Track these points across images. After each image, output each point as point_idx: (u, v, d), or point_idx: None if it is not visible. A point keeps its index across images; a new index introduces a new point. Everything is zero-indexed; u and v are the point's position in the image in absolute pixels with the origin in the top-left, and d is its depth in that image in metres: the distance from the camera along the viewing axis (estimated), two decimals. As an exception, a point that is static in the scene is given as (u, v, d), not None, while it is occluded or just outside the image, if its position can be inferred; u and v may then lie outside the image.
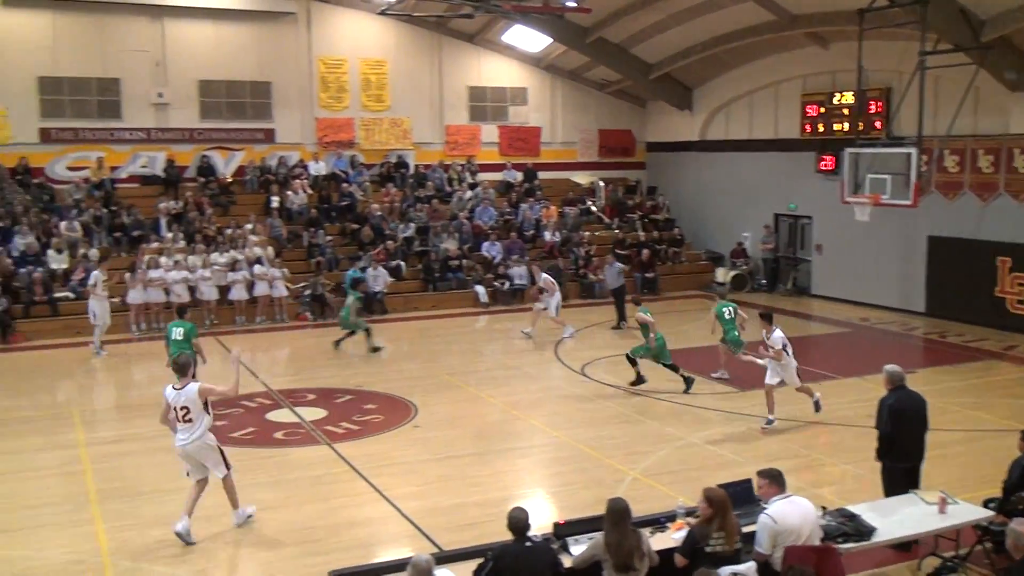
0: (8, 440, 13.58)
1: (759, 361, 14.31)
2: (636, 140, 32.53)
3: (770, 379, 13.49)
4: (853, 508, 8.48)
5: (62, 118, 25.41)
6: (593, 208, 29.90)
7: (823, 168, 24.73)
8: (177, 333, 14.95)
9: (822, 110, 24.60)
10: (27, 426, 14.38)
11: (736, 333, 15.99)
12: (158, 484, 11.59)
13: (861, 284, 24.42)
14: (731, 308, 16.21)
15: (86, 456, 12.81)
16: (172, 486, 11.48)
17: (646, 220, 29.39)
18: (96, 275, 19.33)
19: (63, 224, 22.92)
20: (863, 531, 8.05)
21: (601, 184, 30.80)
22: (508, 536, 7.08)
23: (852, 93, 22.88)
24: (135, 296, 21.19)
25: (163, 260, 21.93)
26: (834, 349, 20.06)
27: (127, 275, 21.31)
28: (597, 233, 28.56)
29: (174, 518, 9.95)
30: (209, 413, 9.95)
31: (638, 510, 7.82)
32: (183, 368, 9.99)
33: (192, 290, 21.91)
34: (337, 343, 19.43)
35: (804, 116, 25.19)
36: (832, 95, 24.31)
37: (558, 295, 20.63)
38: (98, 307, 19.18)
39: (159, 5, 26.05)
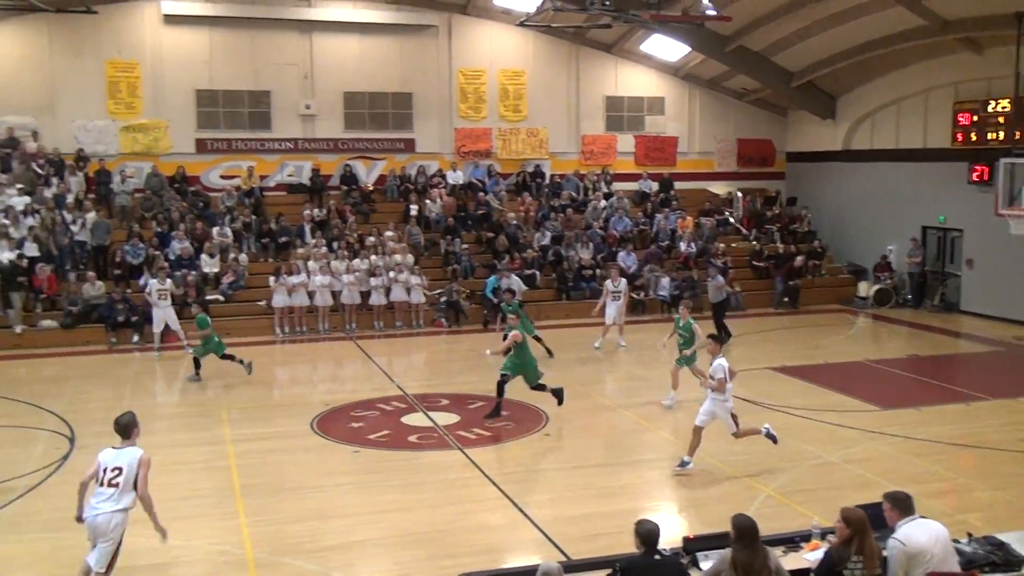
0: (159, 435, 14.30)
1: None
2: (776, 150, 31.85)
3: (700, 419, 12.11)
4: (1002, 536, 8.06)
5: (217, 129, 26.70)
6: (731, 219, 29.40)
7: (975, 179, 23.60)
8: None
9: (975, 118, 23.49)
10: (177, 422, 15.16)
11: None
12: (299, 481, 12.02)
13: (1015, 301, 23.19)
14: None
15: (231, 452, 13.38)
16: (312, 484, 11.92)
17: (786, 232, 28.69)
18: (153, 284, 20.29)
19: (215, 230, 24.05)
20: (1012, 560, 7.65)
21: (739, 195, 30.25)
22: (637, 548, 7.03)
23: (1009, 100, 21.80)
24: (279, 300, 22.05)
25: (309, 265, 22.73)
26: (985, 369, 19.10)
27: (272, 279, 22.19)
28: (734, 245, 28.07)
29: (313, 514, 10.28)
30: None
31: (771, 528, 7.66)
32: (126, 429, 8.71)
33: (334, 295, 22.65)
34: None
35: (956, 125, 24.10)
36: (986, 103, 23.19)
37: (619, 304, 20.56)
38: (155, 313, 20.22)
39: (308, 20, 27.08)
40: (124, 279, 22.54)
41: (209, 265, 23.14)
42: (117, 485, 8.37)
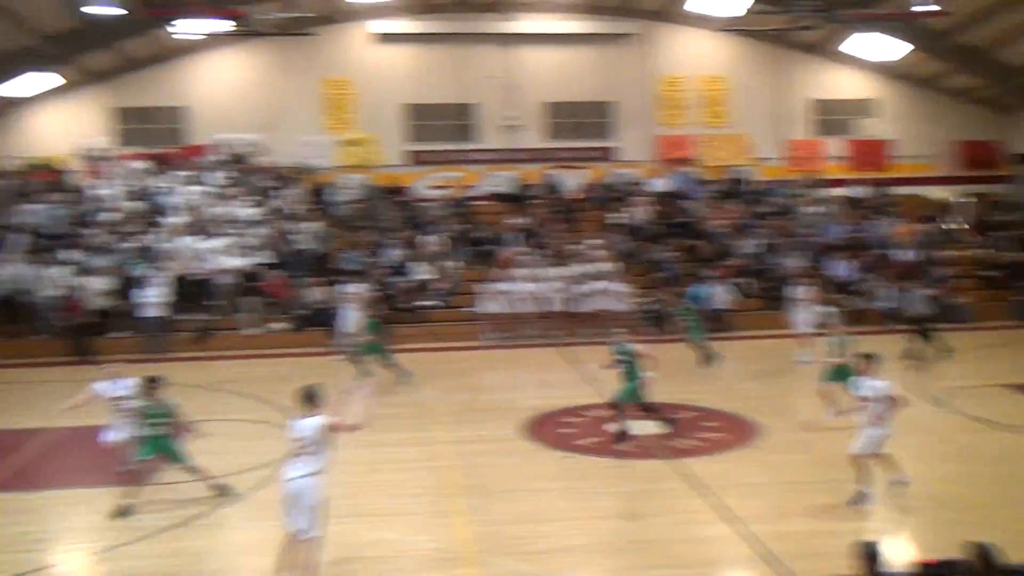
0: (378, 433, 14.93)
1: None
2: (1000, 151, 29.82)
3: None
4: None
5: (425, 142, 27.74)
6: (952, 225, 27.73)
7: None
8: None
9: None
10: (395, 422, 15.78)
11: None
12: (511, 484, 12.27)
13: None
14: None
15: (447, 453, 13.82)
16: (523, 487, 12.12)
17: (1020, 239, 26.65)
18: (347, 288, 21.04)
19: (426, 238, 24.93)
20: None
21: (960, 200, 28.51)
22: (859, 571, 6.76)
23: None
24: (487, 306, 22.60)
25: (514, 273, 23.19)
26: None
27: (480, 286, 22.78)
28: (957, 253, 26.41)
29: (526, 517, 10.47)
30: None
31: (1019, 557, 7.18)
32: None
33: (540, 302, 22.97)
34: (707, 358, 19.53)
35: None
36: None
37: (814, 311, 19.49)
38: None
39: (509, 34, 27.67)
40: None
41: (422, 272, 23.99)
42: (304, 452, 8.84)
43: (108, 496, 11.85)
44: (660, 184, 28.01)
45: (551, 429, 14.95)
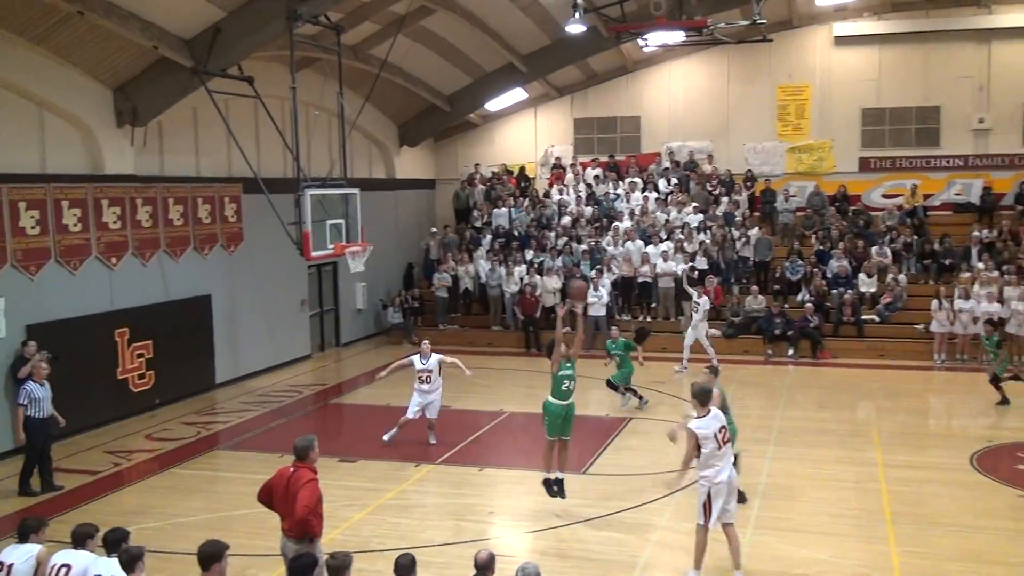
0: (812, 448, 14.63)
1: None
2: None
3: None
4: None
5: (880, 148, 26.40)
6: None
7: None
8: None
9: None
10: (828, 438, 15.29)
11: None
12: (954, 518, 11.38)
13: None
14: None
15: (882, 476, 13.14)
16: (969, 523, 11.21)
17: None
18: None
19: (874, 249, 23.75)
20: None
21: None
22: None
23: None
24: (939, 326, 20.99)
25: (974, 290, 21.28)
26: None
27: (933, 303, 21.21)
28: None
29: (969, 556, 9.67)
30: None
31: None
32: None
33: (999, 323, 20.83)
34: None
35: None
36: None
37: None
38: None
39: (986, 29, 25.37)
40: (783, 294, 23.44)
41: (866, 285, 22.93)
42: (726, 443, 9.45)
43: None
44: None
45: (1007, 464, 13.59)
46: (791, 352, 21.83)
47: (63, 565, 7.58)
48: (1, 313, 14.67)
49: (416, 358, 15.18)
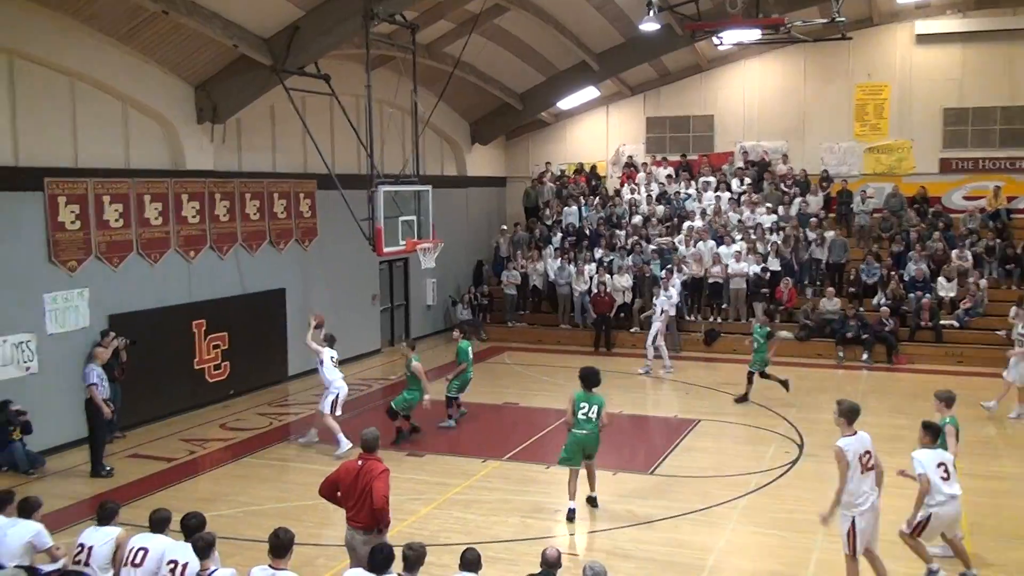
0: (885, 456, 14.23)
1: None
2: None
3: None
4: None
5: (963, 148, 25.73)
6: None
7: None
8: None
9: None
10: (902, 445, 14.82)
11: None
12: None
13: None
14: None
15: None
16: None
17: None
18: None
19: (954, 252, 23.15)
20: None
21: None
22: None
23: None
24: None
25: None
26: None
27: (1013, 309, 20.58)
28: None
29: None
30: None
31: None
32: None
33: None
34: None
35: None
36: None
37: None
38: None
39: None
40: (858, 297, 23.01)
41: (945, 289, 22.37)
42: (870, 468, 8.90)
43: (615, 480, 12.83)
44: None
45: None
46: (865, 356, 21.39)
47: (140, 548, 7.82)
48: (85, 303, 15.16)
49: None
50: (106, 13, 14.69)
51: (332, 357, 15.15)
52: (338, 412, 14.73)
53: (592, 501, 11.96)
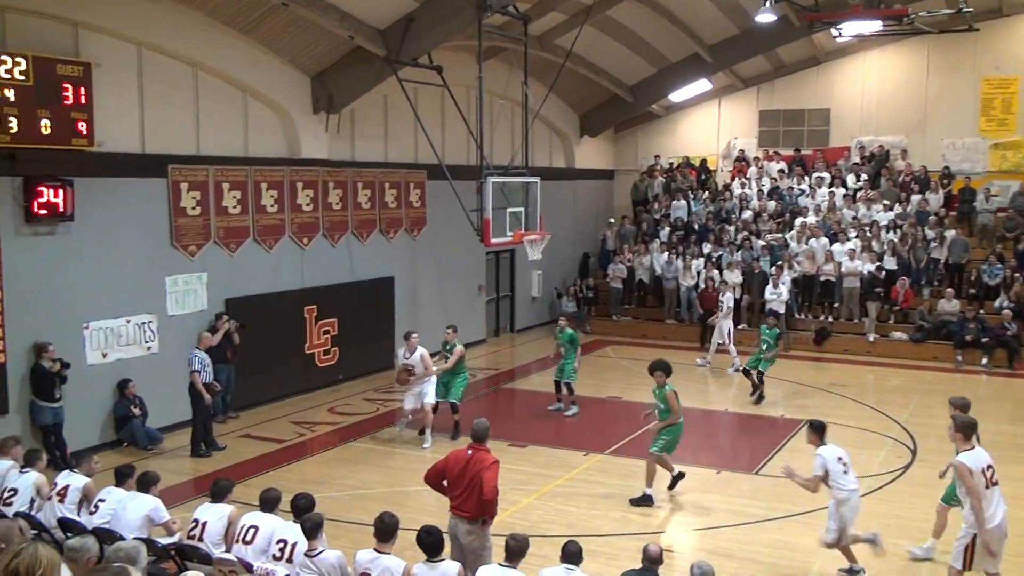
0: (1002, 464, 13.70)
1: None
2: None
3: None
4: None
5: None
6: None
7: None
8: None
9: None
10: (1022, 454, 14.34)
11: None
12: None
13: None
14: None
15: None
16: None
17: None
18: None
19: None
20: None
21: None
22: None
23: None
24: None
25: None
26: None
27: None
28: None
29: None
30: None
31: None
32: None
33: None
34: None
35: None
36: None
37: None
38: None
39: None
40: (978, 299, 22.11)
41: (1074, 292, 21.33)
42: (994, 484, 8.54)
43: (718, 479, 12.66)
44: None
45: None
46: (985, 361, 20.53)
47: (251, 526, 8.07)
48: (203, 286, 15.72)
49: (402, 352, 14.89)
50: (228, 6, 15.16)
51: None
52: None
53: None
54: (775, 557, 10.32)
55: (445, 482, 8.59)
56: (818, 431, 9.97)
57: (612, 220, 27.73)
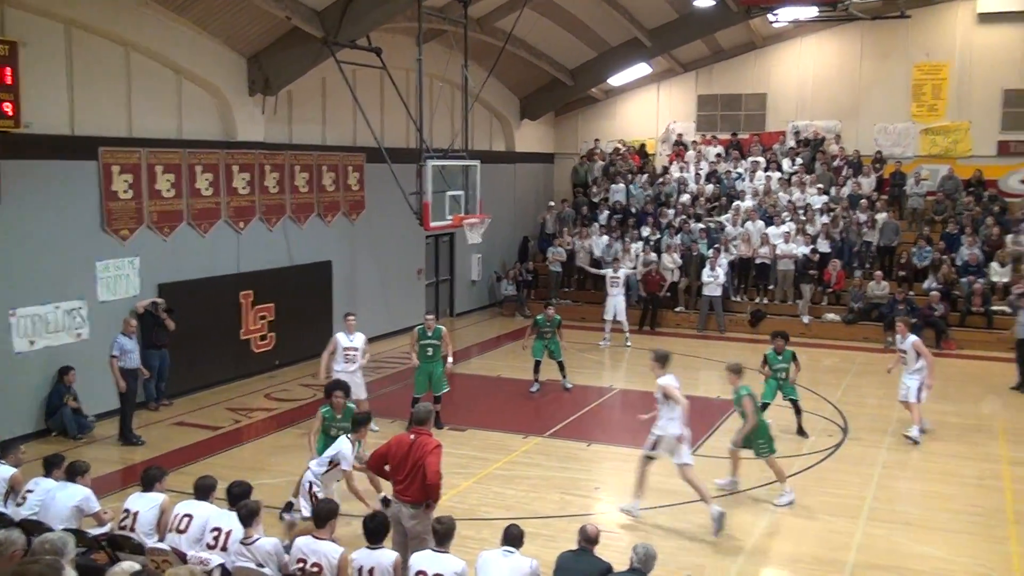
0: (931, 441, 14.15)
1: None
2: None
3: None
4: None
5: (1022, 131, 25.12)
6: None
7: None
8: None
9: None
10: (948, 431, 14.76)
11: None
12: (1082, 522, 10.87)
13: None
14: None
15: (1007, 474, 12.64)
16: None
17: None
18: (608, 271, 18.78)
19: (1009, 237, 22.67)
20: None
21: None
22: None
23: None
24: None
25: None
26: None
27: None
28: None
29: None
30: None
31: None
32: None
33: None
34: None
35: None
36: None
37: None
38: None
39: None
40: (908, 281, 22.64)
41: (999, 274, 21.93)
42: None
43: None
44: None
45: None
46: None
47: (185, 515, 7.97)
48: (135, 271, 15.42)
49: (342, 335, 14.06)
50: (161, -16, 14.83)
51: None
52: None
53: None
54: (711, 535, 10.46)
55: (387, 467, 8.56)
56: (661, 360, 10.88)
57: (552, 203, 27.80)
